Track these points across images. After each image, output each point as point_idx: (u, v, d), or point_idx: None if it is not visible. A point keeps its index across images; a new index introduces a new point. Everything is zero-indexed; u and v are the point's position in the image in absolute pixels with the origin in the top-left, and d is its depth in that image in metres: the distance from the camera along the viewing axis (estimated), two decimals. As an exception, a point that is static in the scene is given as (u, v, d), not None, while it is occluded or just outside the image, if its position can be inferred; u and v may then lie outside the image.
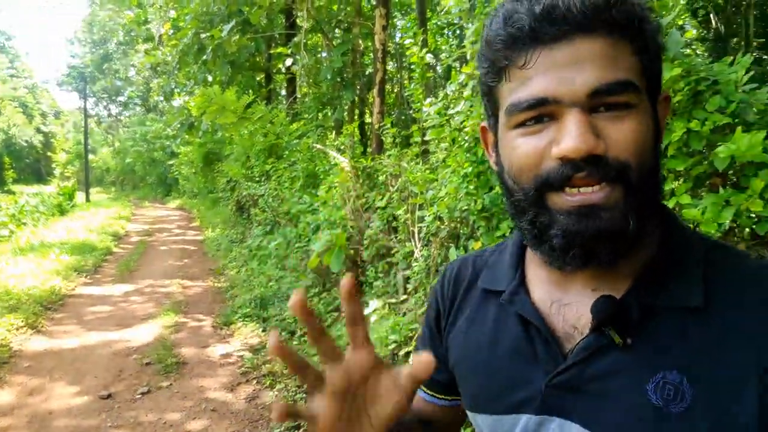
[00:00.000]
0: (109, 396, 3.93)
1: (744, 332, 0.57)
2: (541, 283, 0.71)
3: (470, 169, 2.90)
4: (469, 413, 0.78)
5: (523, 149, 0.60)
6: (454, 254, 3.10)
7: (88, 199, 24.89)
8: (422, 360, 0.49)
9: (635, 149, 0.57)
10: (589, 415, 0.62)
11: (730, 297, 0.59)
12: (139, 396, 3.95)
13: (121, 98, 44.94)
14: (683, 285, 0.61)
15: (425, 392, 0.88)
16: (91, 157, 44.94)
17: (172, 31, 12.15)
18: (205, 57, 10.02)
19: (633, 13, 0.57)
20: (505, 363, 0.71)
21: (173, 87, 13.61)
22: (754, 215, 1.83)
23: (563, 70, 0.56)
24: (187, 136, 14.12)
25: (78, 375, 4.32)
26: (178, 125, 11.97)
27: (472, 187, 2.90)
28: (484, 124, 0.71)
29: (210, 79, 11.28)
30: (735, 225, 1.98)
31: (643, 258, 0.64)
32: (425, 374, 0.49)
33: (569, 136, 0.55)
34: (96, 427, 3.48)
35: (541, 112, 0.58)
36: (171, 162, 20.46)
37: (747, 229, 2.00)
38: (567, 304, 0.67)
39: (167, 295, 7.00)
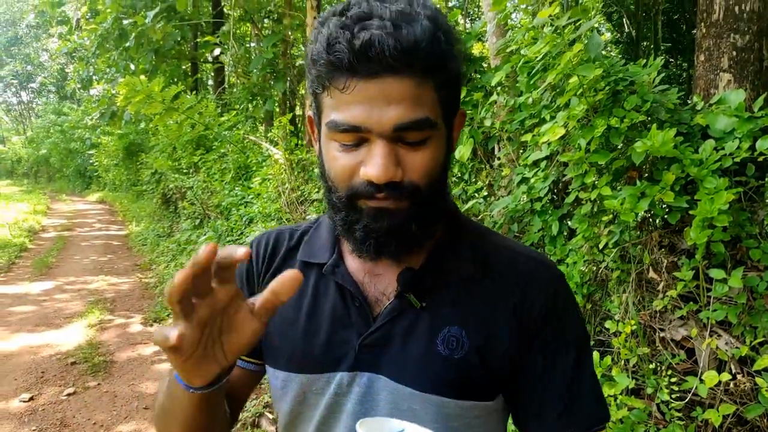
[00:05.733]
0: (31, 399, 3.75)
1: (504, 296, 0.79)
2: (356, 257, 0.82)
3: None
4: (280, 373, 0.85)
5: (340, 163, 0.71)
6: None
7: (-3, 193, 23.22)
8: (289, 275, 0.57)
9: (426, 174, 0.71)
10: (393, 368, 0.77)
11: (492, 272, 0.80)
12: (65, 397, 3.80)
13: (32, 85, 42.01)
14: (460, 261, 0.80)
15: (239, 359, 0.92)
16: (0, 147, 42.01)
17: (89, 15, 11.51)
18: (127, 44, 9.57)
19: (439, 53, 0.67)
20: (324, 327, 0.81)
21: (92, 74, 12.91)
22: (666, 206, 2.00)
23: (374, 104, 0.66)
24: (108, 127, 13.42)
25: (-4, 378, 4.10)
26: (98, 115, 11.38)
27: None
28: (311, 113, 0.79)
29: (133, 67, 10.78)
30: (649, 214, 2.15)
31: (433, 241, 0.81)
32: (291, 291, 0.57)
33: (375, 165, 0.67)
34: (18, 431, 3.32)
35: (356, 136, 0.68)
36: (91, 152, 19.37)
37: (659, 219, 2.18)
38: (378, 275, 0.81)
39: (91, 292, 6.71)
